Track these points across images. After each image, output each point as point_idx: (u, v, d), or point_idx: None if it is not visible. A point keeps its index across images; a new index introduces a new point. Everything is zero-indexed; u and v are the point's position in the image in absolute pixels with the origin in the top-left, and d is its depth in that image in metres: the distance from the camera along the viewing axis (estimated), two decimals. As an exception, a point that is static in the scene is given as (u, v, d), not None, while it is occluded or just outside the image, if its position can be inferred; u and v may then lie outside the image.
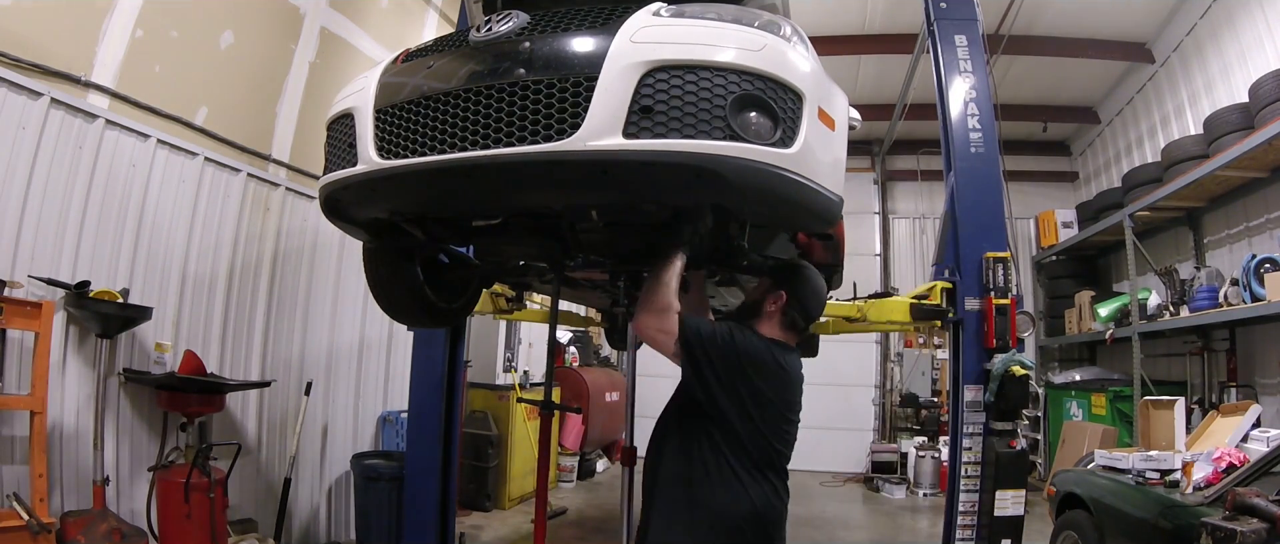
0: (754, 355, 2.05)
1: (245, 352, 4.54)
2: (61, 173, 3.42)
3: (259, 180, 4.66)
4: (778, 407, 2.10)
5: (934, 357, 9.65)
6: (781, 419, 2.12)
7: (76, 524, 3.18)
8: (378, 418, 5.73)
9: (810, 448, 9.64)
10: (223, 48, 4.37)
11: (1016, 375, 3.43)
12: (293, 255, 4.97)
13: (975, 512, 3.51)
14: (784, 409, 2.13)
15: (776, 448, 2.11)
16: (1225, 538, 2.40)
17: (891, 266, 10.40)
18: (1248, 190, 6.06)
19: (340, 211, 2.26)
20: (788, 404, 2.14)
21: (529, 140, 1.71)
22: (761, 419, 2.05)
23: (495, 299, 4.02)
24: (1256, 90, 5.42)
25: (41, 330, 3.17)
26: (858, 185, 10.29)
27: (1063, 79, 8.31)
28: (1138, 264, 6.98)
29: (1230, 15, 6.26)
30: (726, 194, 1.75)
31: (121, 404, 3.71)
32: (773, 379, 2.08)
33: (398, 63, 2.13)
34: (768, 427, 2.07)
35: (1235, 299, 5.44)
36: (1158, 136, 7.55)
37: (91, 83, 3.56)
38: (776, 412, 2.10)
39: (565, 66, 1.74)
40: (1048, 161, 10.05)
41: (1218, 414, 4.67)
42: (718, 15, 1.83)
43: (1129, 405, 6.59)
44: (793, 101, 1.76)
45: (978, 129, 3.85)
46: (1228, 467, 3.38)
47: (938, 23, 4.10)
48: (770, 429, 2.08)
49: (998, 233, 3.69)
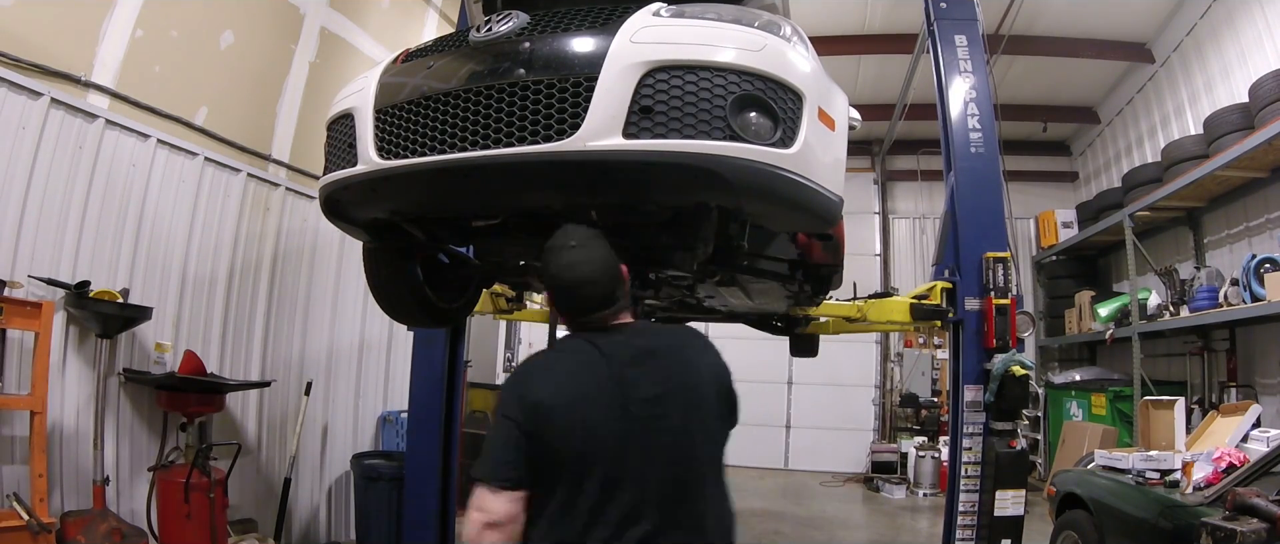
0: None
1: (245, 352, 4.54)
2: (61, 173, 3.43)
3: (259, 180, 4.66)
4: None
5: (934, 357, 9.65)
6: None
7: (76, 524, 3.19)
8: (378, 418, 5.73)
9: (810, 448, 9.80)
10: (223, 48, 4.37)
11: (1016, 375, 3.43)
12: (293, 255, 4.97)
13: (975, 512, 3.51)
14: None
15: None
16: (1225, 538, 2.40)
17: (891, 266, 10.39)
18: (1248, 190, 6.06)
19: (340, 212, 2.26)
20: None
21: (529, 140, 1.71)
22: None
23: (495, 299, 4.01)
24: (1256, 90, 5.42)
25: (41, 330, 3.17)
26: (858, 185, 10.28)
27: (1063, 79, 8.30)
28: (1138, 264, 6.98)
29: (1230, 15, 6.26)
30: (726, 194, 1.75)
31: (121, 404, 3.71)
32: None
33: (398, 63, 2.14)
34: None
35: (1235, 299, 5.44)
36: (1158, 136, 7.55)
37: (91, 83, 3.56)
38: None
39: (565, 66, 1.74)
40: (1048, 161, 10.04)
41: (1218, 414, 4.66)
42: (718, 15, 1.84)
43: (1129, 405, 6.58)
44: (793, 102, 1.76)
45: (978, 129, 3.85)
46: (1228, 467, 3.38)
47: (938, 23, 4.10)
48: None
49: (998, 233, 3.68)
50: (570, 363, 1.59)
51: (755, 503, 7.55)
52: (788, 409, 10.02)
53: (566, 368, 1.58)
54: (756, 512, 7.14)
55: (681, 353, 1.66)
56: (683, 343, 1.70)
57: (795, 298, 3.55)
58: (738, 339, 4.96)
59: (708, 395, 1.62)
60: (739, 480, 8.82)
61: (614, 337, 1.61)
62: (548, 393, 1.51)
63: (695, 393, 1.60)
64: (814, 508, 7.48)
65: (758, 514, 7.04)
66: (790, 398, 10.03)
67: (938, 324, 3.85)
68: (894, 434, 9.52)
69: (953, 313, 3.66)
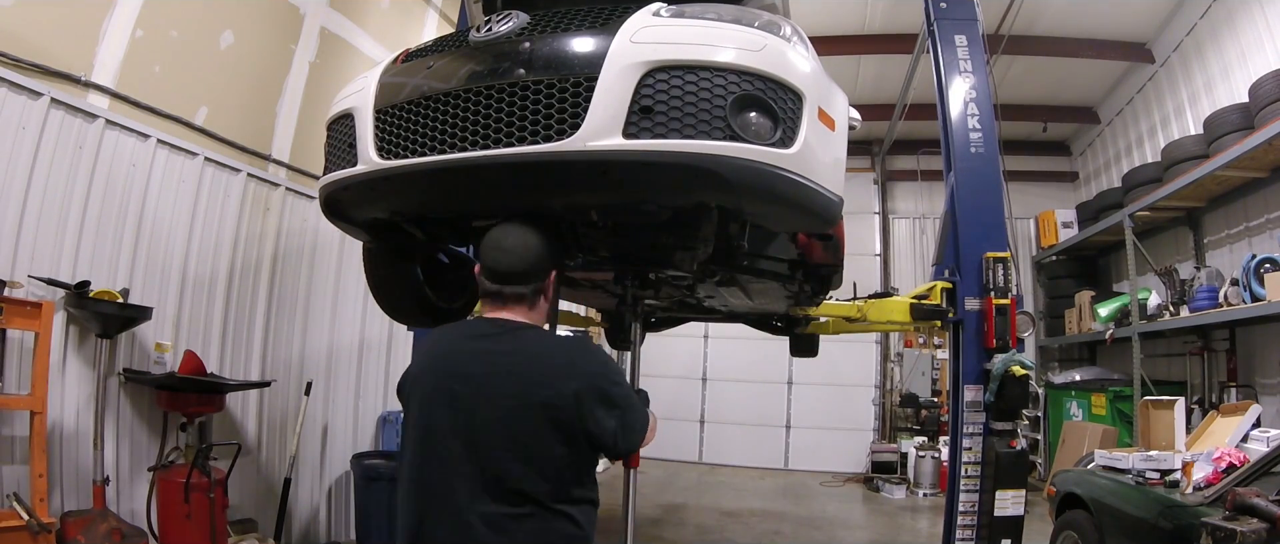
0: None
1: (245, 352, 4.54)
2: (61, 173, 3.42)
3: (259, 180, 4.66)
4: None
5: (934, 357, 9.64)
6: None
7: (76, 524, 3.18)
8: (378, 418, 5.73)
9: (810, 448, 9.81)
10: (223, 48, 4.37)
11: (1016, 375, 3.43)
12: (293, 255, 4.97)
13: (975, 512, 3.51)
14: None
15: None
16: (1225, 538, 2.40)
17: (891, 266, 10.40)
18: (1248, 190, 6.06)
19: (340, 212, 2.26)
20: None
21: (529, 140, 1.71)
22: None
23: (495, 299, 4.01)
24: (1256, 90, 5.42)
25: (41, 330, 3.16)
26: (858, 185, 10.29)
27: (1063, 79, 8.30)
28: (1138, 264, 6.98)
29: (1230, 15, 6.26)
30: (726, 194, 1.75)
31: (121, 404, 3.71)
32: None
33: (398, 63, 2.14)
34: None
35: (1235, 299, 5.44)
36: (1158, 136, 7.55)
37: (91, 83, 3.56)
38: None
39: (565, 66, 1.74)
40: (1048, 161, 10.04)
41: (1218, 414, 4.66)
42: (718, 15, 1.84)
43: (1129, 405, 6.58)
44: (792, 102, 1.76)
45: (978, 129, 3.85)
46: (1228, 467, 3.38)
47: (938, 23, 4.10)
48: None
49: (998, 233, 3.68)
50: (441, 335, 1.79)
51: (755, 503, 7.56)
52: (788, 409, 10.03)
53: (435, 338, 1.80)
54: (756, 511, 7.15)
55: (535, 359, 1.60)
56: (548, 351, 1.63)
57: (795, 298, 3.55)
58: (738, 339, 4.98)
59: (530, 403, 1.53)
60: (739, 480, 8.84)
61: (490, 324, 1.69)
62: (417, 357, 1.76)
63: (513, 395, 1.55)
64: (814, 508, 7.48)
65: (758, 514, 7.04)
66: (790, 398, 10.04)
67: (938, 324, 3.85)
68: (894, 434, 9.52)
69: (953, 313, 3.66)
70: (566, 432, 1.54)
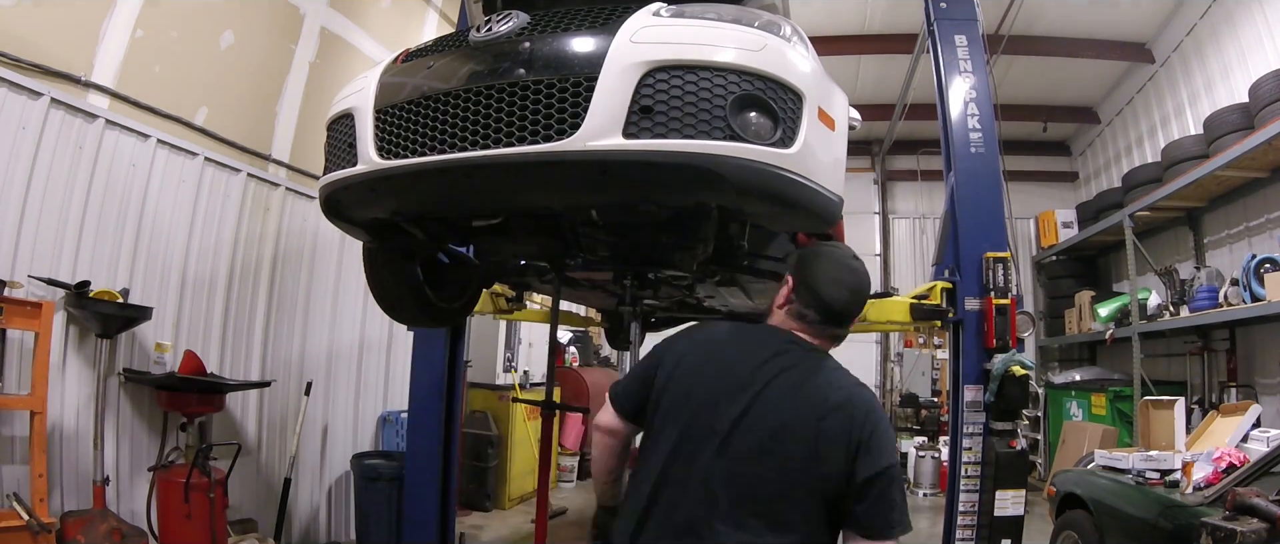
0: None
1: (245, 352, 4.54)
2: (61, 173, 3.42)
3: (259, 180, 4.66)
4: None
5: (934, 357, 9.65)
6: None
7: (76, 524, 3.18)
8: (378, 418, 5.73)
9: (810, 448, 9.80)
10: (223, 48, 4.37)
11: (1016, 375, 3.42)
12: (293, 255, 4.97)
13: (975, 512, 3.51)
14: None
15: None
16: (1225, 538, 2.40)
17: (891, 266, 10.40)
18: (1248, 190, 6.06)
19: (340, 212, 2.26)
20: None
21: (529, 140, 1.71)
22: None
23: (495, 299, 4.02)
24: (1256, 90, 5.42)
25: (41, 330, 3.16)
26: (858, 185, 10.29)
27: (1063, 79, 8.30)
28: (1138, 264, 6.98)
29: (1230, 15, 6.26)
30: (726, 194, 1.75)
31: (121, 404, 3.71)
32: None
33: (398, 63, 2.14)
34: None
35: (1235, 299, 5.44)
36: (1158, 136, 7.55)
37: (91, 83, 3.56)
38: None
39: (565, 67, 1.74)
40: (1048, 161, 10.05)
41: (1218, 414, 4.67)
42: (718, 15, 1.84)
43: (1129, 405, 6.58)
44: (793, 102, 1.76)
45: (978, 129, 3.84)
46: (1228, 467, 3.38)
47: (938, 23, 4.09)
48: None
49: (998, 233, 3.68)
50: (721, 338, 1.71)
51: (755, 503, 7.53)
52: (788, 409, 10.01)
53: (712, 337, 1.72)
54: (756, 512, 7.13)
55: (817, 389, 1.54)
56: (832, 384, 1.58)
57: (795, 298, 3.54)
58: (738, 339, 4.96)
59: (814, 433, 1.47)
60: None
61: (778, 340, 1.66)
62: (682, 349, 1.66)
63: (801, 426, 1.48)
64: (814, 508, 7.47)
65: (758, 514, 7.02)
66: (790, 398, 10.02)
67: (938, 324, 3.84)
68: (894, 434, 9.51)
69: (953, 313, 3.65)
70: (844, 459, 1.48)
